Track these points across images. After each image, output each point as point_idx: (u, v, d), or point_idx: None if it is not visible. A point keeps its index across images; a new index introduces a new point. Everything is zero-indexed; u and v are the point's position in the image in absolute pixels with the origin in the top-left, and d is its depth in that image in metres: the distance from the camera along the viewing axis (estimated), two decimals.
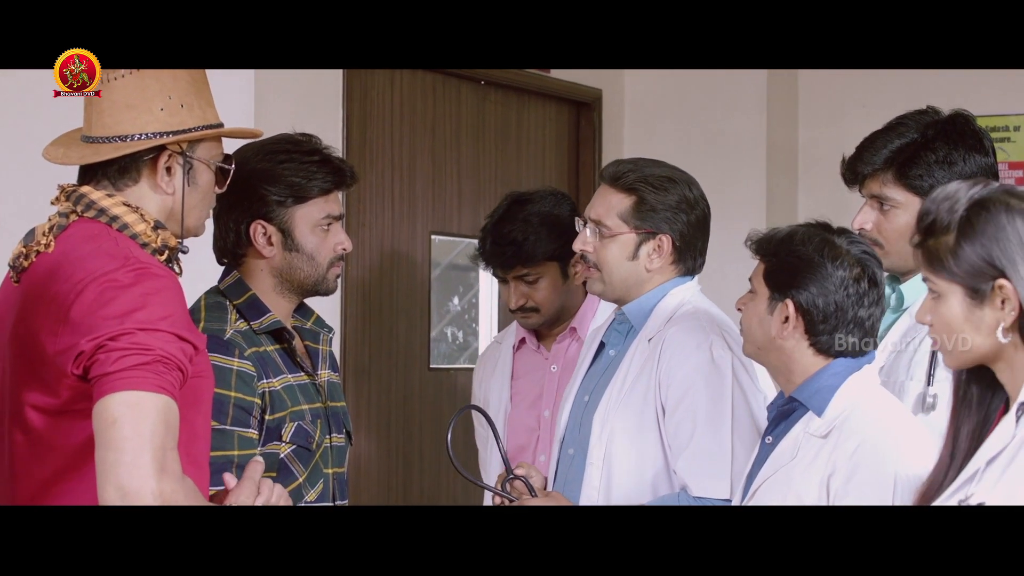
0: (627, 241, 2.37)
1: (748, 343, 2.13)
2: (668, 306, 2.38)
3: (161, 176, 1.84)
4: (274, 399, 2.16)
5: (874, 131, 2.37)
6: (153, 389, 1.63)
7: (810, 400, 2.06)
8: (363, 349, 3.51)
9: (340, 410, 2.31)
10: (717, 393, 2.28)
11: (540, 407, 2.92)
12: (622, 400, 2.32)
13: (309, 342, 2.32)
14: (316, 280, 2.25)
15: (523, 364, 2.98)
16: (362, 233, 3.50)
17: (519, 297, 2.87)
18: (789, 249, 2.07)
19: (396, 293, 3.61)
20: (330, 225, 2.25)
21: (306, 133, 2.29)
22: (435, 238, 3.70)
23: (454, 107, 3.77)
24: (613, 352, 2.43)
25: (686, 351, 2.30)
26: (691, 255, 2.40)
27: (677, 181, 2.39)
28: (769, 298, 2.07)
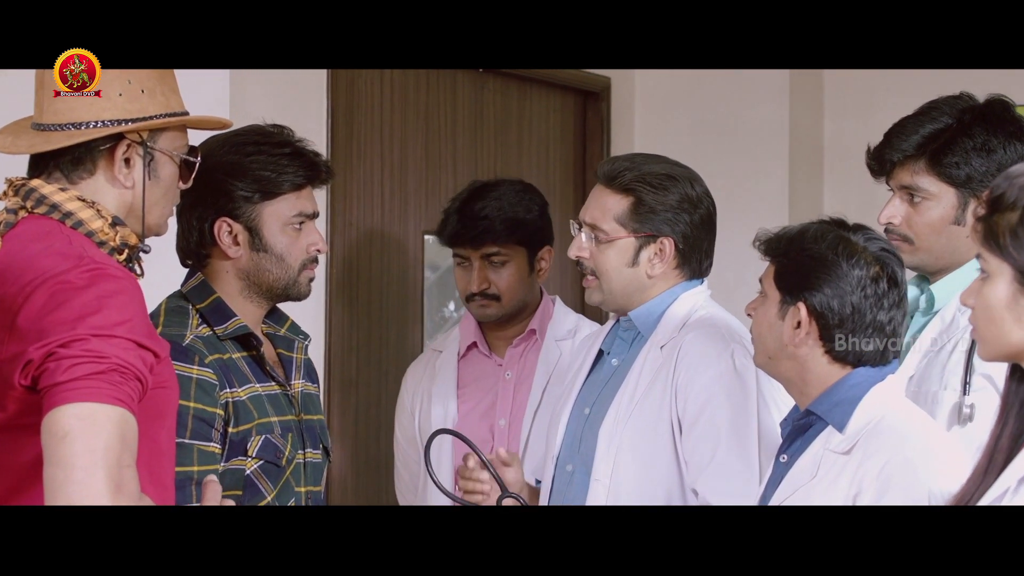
0: (626, 246, 2.36)
1: (759, 352, 2.10)
2: (680, 312, 2.37)
3: (119, 168, 1.82)
4: (238, 410, 2.15)
5: (903, 117, 2.33)
6: (108, 401, 1.61)
7: (829, 414, 2.03)
8: (350, 359, 3.50)
9: (316, 423, 2.30)
10: (741, 405, 2.26)
11: (494, 417, 2.92)
12: (632, 412, 2.30)
13: (282, 350, 2.30)
14: (286, 283, 2.24)
15: (471, 371, 2.99)
16: (349, 233, 3.49)
17: (481, 280, 2.88)
18: (800, 248, 2.05)
19: (386, 298, 3.61)
20: (302, 224, 2.24)
21: (278, 124, 2.28)
22: (429, 238, 3.67)
23: (449, 96, 3.76)
24: (616, 361, 2.41)
25: (706, 359, 2.28)
26: (696, 258, 2.38)
27: (677, 178, 2.37)
28: (780, 301, 2.05)
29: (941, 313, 2.30)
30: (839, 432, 2.00)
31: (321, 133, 3.25)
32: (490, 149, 3.86)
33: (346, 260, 3.48)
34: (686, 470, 2.26)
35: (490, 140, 3.86)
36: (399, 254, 3.63)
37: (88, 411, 1.59)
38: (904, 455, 1.94)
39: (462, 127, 3.79)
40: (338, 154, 3.39)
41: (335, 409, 3.42)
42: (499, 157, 3.87)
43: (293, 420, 2.23)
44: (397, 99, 3.62)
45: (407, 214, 3.64)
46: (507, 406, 2.92)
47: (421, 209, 3.68)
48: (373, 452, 3.56)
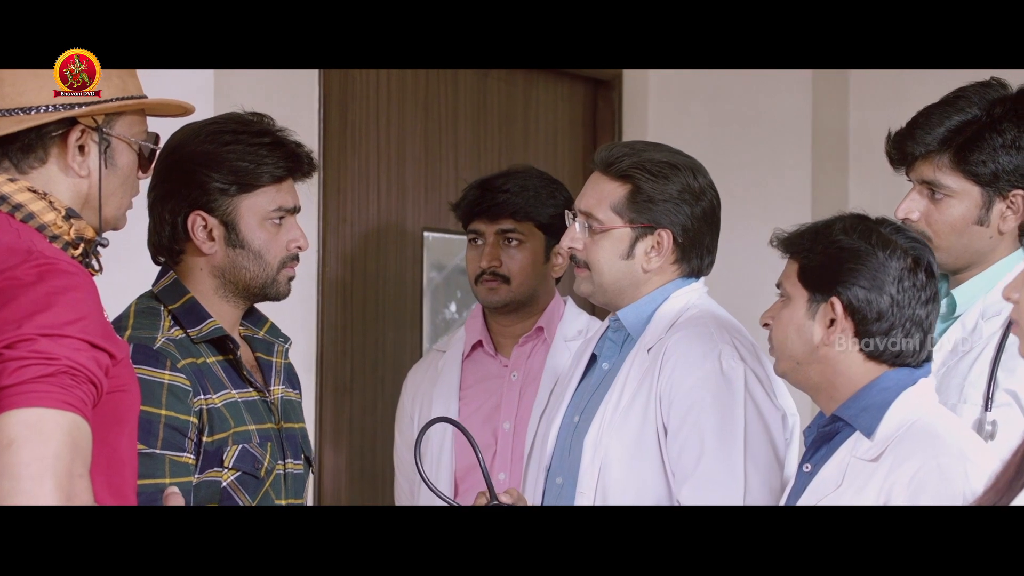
0: (621, 237, 2.34)
1: (783, 359, 2.08)
2: (670, 311, 2.34)
3: (72, 155, 1.79)
4: (213, 418, 2.13)
5: (929, 105, 2.30)
6: (57, 406, 1.58)
7: (857, 419, 2.02)
8: (343, 363, 3.49)
9: (298, 432, 2.29)
10: (727, 410, 2.24)
11: (498, 419, 2.92)
12: (617, 420, 2.29)
13: (261, 354, 2.29)
14: (264, 282, 2.22)
15: (475, 372, 2.98)
16: (342, 229, 3.48)
17: (492, 257, 2.90)
18: (829, 240, 2.04)
19: (383, 298, 3.60)
20: (282, 219, 2.22)
21: (257, 112, 2.26)
22: (428, 235, 3.68)
23: (450, 84, 3.74)
24: (607, 365, 2.39)
25: (691, 361, 2.27)
26: (696, 253, 2.36)
27: (679, 167, 2.35)
28: (808, 300, 2.04)
29: (962, 319, 2.28)
30: (867, 438, 1.99)
31: (312, 123, 3.25)
32: (494, 141, 3.85)
33: (340, 258, 3.47)
34: (672, 479, 2.26)
35: (494, 131, 3.86)
36: (397, 252, 3.62)
37: (36, 417, 1.57)
38: (937, 461, 1.92)
39: (464, 117, 3.79)
40: (331, 145, 3.39)
41: (328, 416, 3.41)
42: (503, 149, 3.86)
43: (272, 428, 2.22)
44: (394, 87, 3.61)
45: (405, 209, 3.63)
46: (512, 409, 2.92)
47: (420, 204, 3.67)
48: (369, 462, 3.55)
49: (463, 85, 3.77)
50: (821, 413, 2.09)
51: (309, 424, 3.29)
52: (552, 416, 2.45)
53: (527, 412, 2.94)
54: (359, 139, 3.54)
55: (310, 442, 2.35)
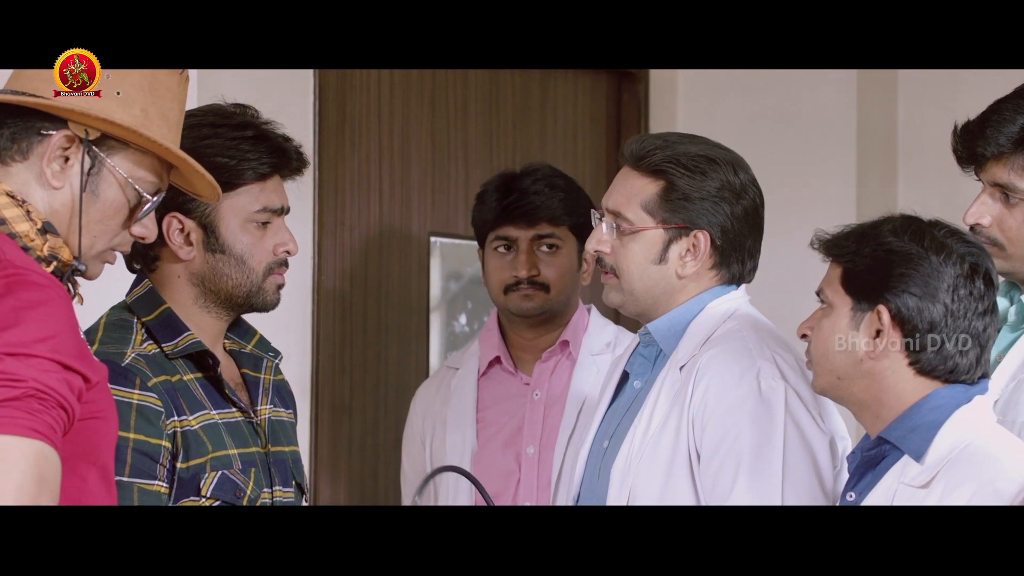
0: (653, 239, 2.31)
1: (823, 374, 2.06)
2: (705, 323, 2.31)
3: (50, 159, 1.79)
4: (189, 441, 2.11)
5: (999, 99, 2.27)
6: (21, 432, 1.57)
7: (905, 440, 2.01)
8: (342, 380, 3.47)
9: (288, 456, 2.27)
10: (765, 434, 2.21)
11: (521, 443, 2.90)
12: (647, 445, 2.26)
13: (248, 370, 2.27)
14: (248, 290, 2.21)
15: (493, 392, 2.97)
16: (341, 234, 3.46)
17: (531, 265, 2.89)
18: (877, 242, 2.03)
19: (386, 309, 3.58)
20: (268, 221, 2.21)
21: (240, 104, 2.25)
22: (436, 240, 3.66)
23: (460, 76, 3.72)
24: (639, 384, 2.37)
25: (726, 381, 2.23)
26: (737, 257, 2.33)
27: (718, 161, 2.31)
28: (852, 309, 2.03)
29: None
30: (916, 462, 1.98)
31: (306, 117, 3.25)
32: (507, 138, 3.83)
33: (337, 266, 3.46)
34: None
35: (507, 128, 3.83)
36: (400, 259, 3.60)
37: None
38: (995, 486, 1.91)
39: (475, 112, 3.76)
40: (327, 142, 3.38)
41: (324, 439, 3.40)
42: (518, 147, 3.84)
43: (258, 452, 2.20)
44: (398, 79, 3.60)
45: (410, 213, 3.62)
46: (536, 431, 2.90)
47: (426, 207, 3.65)
48: (370, 488, 3.54)
49: (473, 77, 3.76)
50: (866, 436, 2.07)
51: (304, 448, 3.32)
52: (580, 441, 2.43)
53: (553, 435, 2.92)
54: (359, 136, 3.52)
55: (303, 467, 2.33)
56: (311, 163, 2.33)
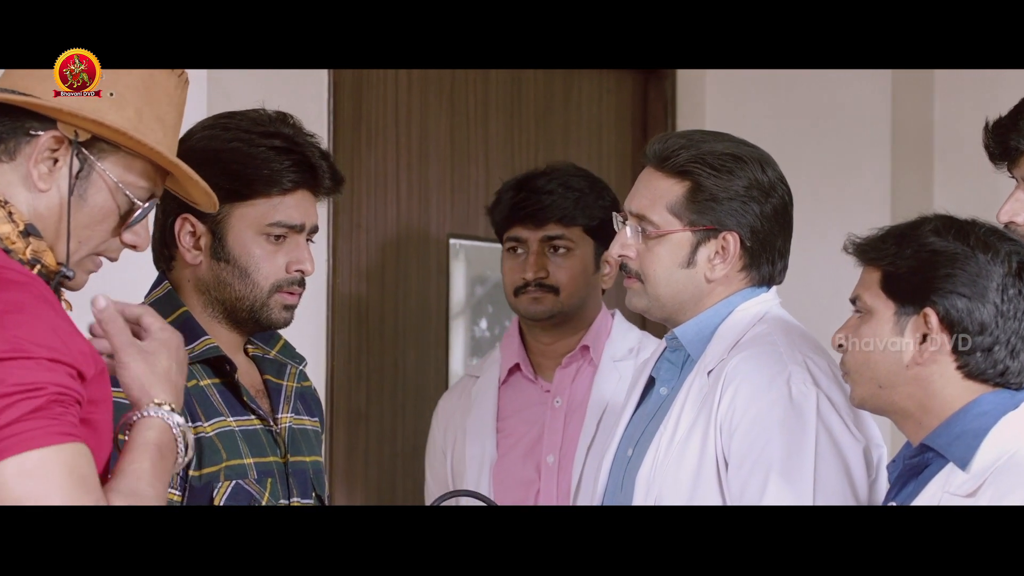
0: (680, 242, 2.29)
1: (863, 383, 2.05)
2: (734, 327, 2.30)
3: (37, 160, 1.78)
4: (202, 448, 2.11)
5: None
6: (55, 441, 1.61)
7: (950, 448, 1.99)
8: (358, 387, 3.47)
9: (309, 466, 2.26)
10: (796, 441, 2.20)
11: (541, 453, 2.89)
12: (673, 453, 2.25)
13: (271, 376, 2.27)
14: (252, 305, 2.20)
15: (513, 400, 2.96)
16: (356, 236, 3.46)
17: (539, 267, 2.89)
18: (920, 243, 2.02)
19: (404, 314, 3.58)
20: (283, 237, 2.19)
21: (284, 113, 2.25)
22: (455, 242, 3.66)
23: (480, 72, 3.72)
24: (665, 390, 2.35)
25: (755, 386, 2.22)
26: (767, 258, 2.32)
27: (745, 160, 2.30)
28: (895, 313, 2.02)
29: None
30: (962, 470, 1.97)
31: (321, 115, 3.24)
32: (529, 138, 3.83)
33: (353, 269, 3.46)
34: None
35: (529, 127, 3.83)
36: (419, 262, 3.60)
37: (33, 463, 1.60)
38: None
39: (495, 110, 3.76)
40: (342, 142, 3.37)
41: (340, 448, 3.40)
42: (540, 147, 3.85)
43: (276, 462, 2.19)
44: (416, 75, 3.59)
45: (428, 215, 3.62)
46: (556, 439, 2.90)
47: (445, 209, 3.65)
48: (388, 499, 3.55)
49: (494, 74, 3.76)
50: (907, 444, 2.05)
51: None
52: (604, 449, 2.41)
53: (573, 443, 2.92)
54: (375, 135, 3.52)
55: (324, 477, 2.32)
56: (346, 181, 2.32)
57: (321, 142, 2.24)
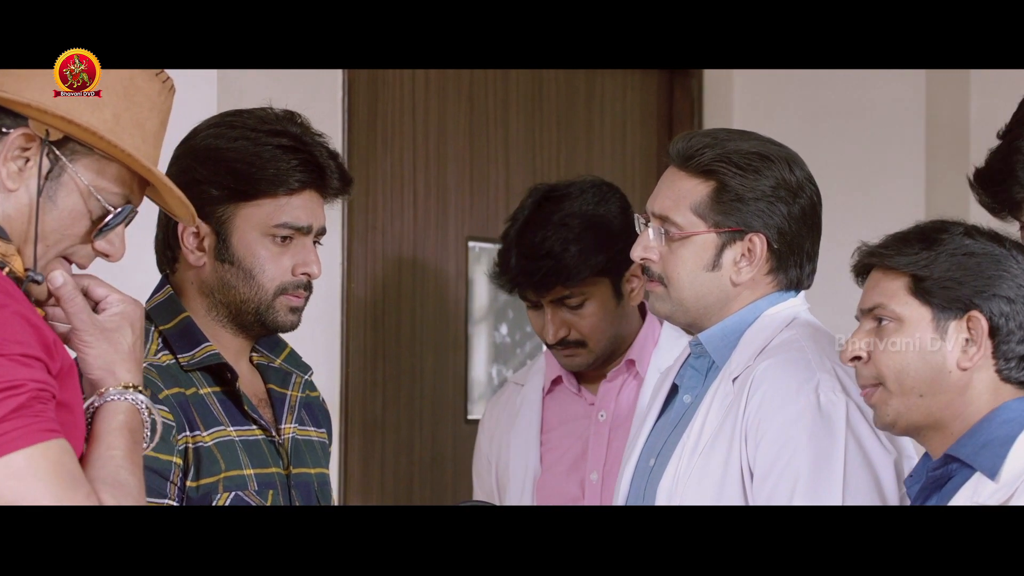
0: (705, 244, 2.28)
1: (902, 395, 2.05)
2: (761, 332, 2.29)
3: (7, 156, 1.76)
4: (201, 458, 2.11)
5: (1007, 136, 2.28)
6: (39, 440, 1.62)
7: (977, 457, 1.99)
8: (374, 394, 3.45)
9: (313, 478, 2.26)
10: (825, 451, 2.19)
11: (584, 469, 2.86)
12: (696, 463, 2.24)
13: (275, 385, 2.26)
14: (257, 308, 2.19)
15: (557, 412, 2.93)
16: (372, 239, 3.44)
17: (558, 327, 2.83)
18: (954, 245, 2.03)
19: (421, 320, 3.56)
20: (290, 238, 2.18)
21: (292, 112, 2.24)
22: (474, 246, 3.65)
23: (500, 71, 3.71)
24: (689, 398, 2.35)
25: (782, 394, 2.21)
26: (794, 261, 2.30)
27: (772, 158, 2.29)
28: (932, 319, 2.02)
29: None
30: (991, 480, 1.97)
31: (335, 114, 3.23)
32: (551, 137, 3.81)
33: (369, 273, 3.45)
34: None
35: (551, 126, 3.81)
36: (437, 265, 3.59)
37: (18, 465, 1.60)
38: None
39: (515, 110, 3.74)
40: (357, 141, 3.36)
41: (355, 458, 3.38)
42: (562, 147, 3.82)
43: (278, 473, 2.19)
44: (434, 74, 3.58)
45: (447, 217, 3.60)
46: (600, 455, 2.87)
47: (464, 211, 3.63)
48: None
49: (515, 72, 3.74)
50: (926, 456, 2.06)
51: (333, 467, 3.27)
52: (625, 460, 2.40)
53: (617, 459, 2.87)
54: (391, 134, 3.50)
55: (330, 490, 2.32)
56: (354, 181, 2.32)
57: (330, 141, 2.22)
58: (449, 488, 3.59)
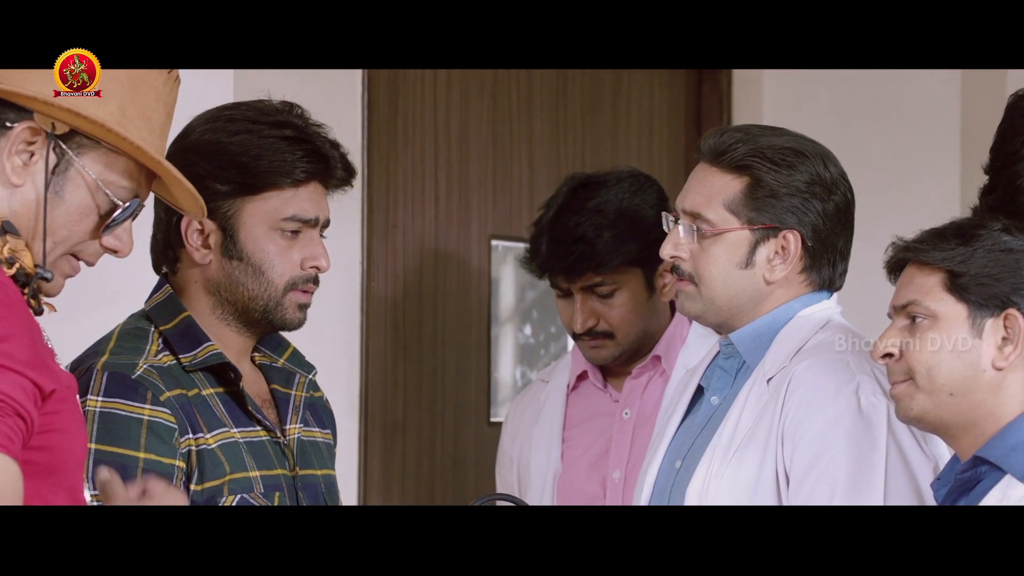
0: (738, 241, 2.27)
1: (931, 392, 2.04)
2: (796, 333, 2.28)
3: (12, 152, 1.75)
4: (204, 461, 2.10)
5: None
6: None
7: (1008, 459, 1.99)
8: (395, 396, 3.45)
9: (320, 480, 2.26)
10: (865, 456, 2.18)
11: (607, 467, 2.86)
12: (730, 464, 2.22)
13: (278, 386, 2.26)
14: (266, 305, 2.18)
15: (581, 409, 2.92)
16: (393, 237, 3.44)
17: (587, 316, 2.82)
18: (992, 241, 2.02)
19: (443, 320, 3.56)
20: (298, 232, 2.18)
21: (289, 102, 2.24)
22: (497, 244, 3.64)
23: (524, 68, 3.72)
24: (716, 400, 2.33)
25: (821, 396, 2.20)
26: (828, 260, 2.29)
27: (807, 154, 2.28)
28: (969, 316, 2.01)
29: None
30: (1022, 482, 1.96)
31: (355, 111, 3.24)
32: (575, 134, 3.79)
33: (389, 272, 3.45)
34: None
35: (575, 123, 3.80)
36: (459, 264, 3.58)
37: None
38: None
39: (539, 106, 3.74)
40: (377, 138, 3.36)
41: (375, 461, 3.39)
42: (587, 144, 3.81)
43: (284, 475, 2.18)
44: (456, 72, 3.58)
45: (469, 215, 3.60)
46: (623, 454, 2.86)
47: (487, 209, 3.63)
48: None
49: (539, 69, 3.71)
50: (954, 459, 2.05)
51: (352, 470, 3.29)
52: (648, 462, 2.38)
53: (641, 458, 2.85)
54: (412, 131, 3.50)
55: (338, 492, 2.31)
56: (358, 173, 2.32)
57: (330, 131, 2.22)
58: (471, 492, 3.59)
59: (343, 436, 3.25)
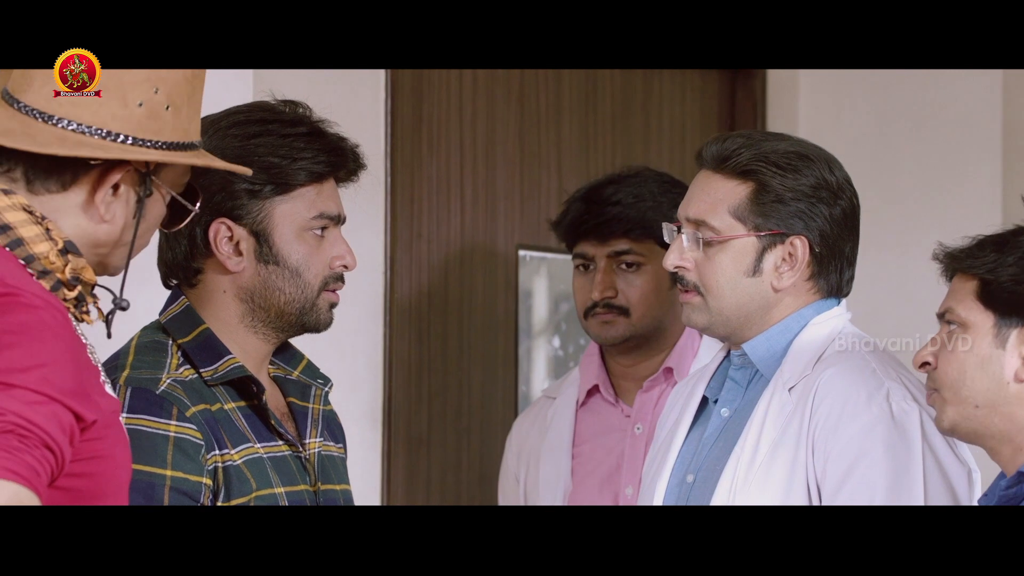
0: (744, 248, 2.27)
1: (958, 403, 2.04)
2: (812, 342, 2.28)
3: (104, 195, 1.81)
4: (231, 478, 2.10)
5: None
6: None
7: None
8: (419, 410, 3.45)
9: (340, 495, 2.26)
10: (902, 463, 2.18)
11: (619, 483, 2.87)
12: (756, 477, 2.22)
13: (294, 399, 2.26)
14: (302, 307, 2.19)
15: (591, 424, 2.93)
16: (417, 247, 3.45)
17: (607, 286, 2.85)
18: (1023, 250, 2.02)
19: (468, 331, 3.57)
20: (325, 230, 2.19)
21: (291, 100, 2.25)
22: (525, 254, 3.65)
23: (552, 71, 3.71)
24: (728, 411, 2.33)
25: (852, 403, 2.20)
26: (835, 266, 2.30)
27: (812, 158, 2.29)
28: (995, 325, 2.02)
29: None
30: None
31: (378, 116, 3.25)
32: (605, 140, 3.80)
33: (413, 282, 3.45)
34: None
35: (605, 128, 3.81)
36: (485, 274, 3.59)
37: None
38: None
39: (568, 110, 3.74)
40: (401, 145, 3.37)
41: (399, 475, 3.39)
42: (617, 150, 3.82)
43: (307, 491, 2.18)
44: (482, 73, 3.58)
45: (496, 223, 3.61)
46: (636, 469, 2.85)
47: (514, 217, 3.64)
48: None
49: (568, 72, 3.74)
50: (1000, 475, 2.04)
51: (375, 485, 3.29)
52: (654, 476, 2.37)
53: None
54: (437, 137, 3.50)
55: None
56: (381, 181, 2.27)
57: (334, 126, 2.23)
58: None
59: (366, 449, 3.26)
